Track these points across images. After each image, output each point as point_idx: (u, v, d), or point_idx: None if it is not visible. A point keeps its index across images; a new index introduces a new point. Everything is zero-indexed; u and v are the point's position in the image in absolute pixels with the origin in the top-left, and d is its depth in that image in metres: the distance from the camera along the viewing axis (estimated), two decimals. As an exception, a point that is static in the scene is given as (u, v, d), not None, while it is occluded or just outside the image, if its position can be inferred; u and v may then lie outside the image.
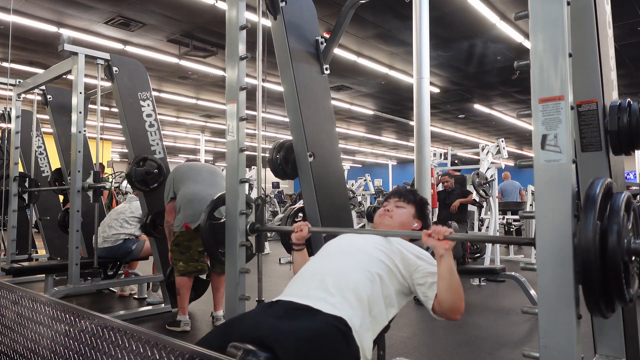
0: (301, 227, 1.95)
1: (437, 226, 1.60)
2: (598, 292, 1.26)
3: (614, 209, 1.29)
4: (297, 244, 1.98)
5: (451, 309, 1.59)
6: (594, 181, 1.32)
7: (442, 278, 1.58)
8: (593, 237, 1.24)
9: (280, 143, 2.80)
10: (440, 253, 1.57)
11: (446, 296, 1.58)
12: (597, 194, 1.28)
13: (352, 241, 1.81)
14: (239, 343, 1.35)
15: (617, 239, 1.24)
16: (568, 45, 1.35)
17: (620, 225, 1.26)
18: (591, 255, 1.24)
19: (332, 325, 1.41)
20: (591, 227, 1.25)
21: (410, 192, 2.01)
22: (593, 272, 1.24)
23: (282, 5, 2.58)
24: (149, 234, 4.00)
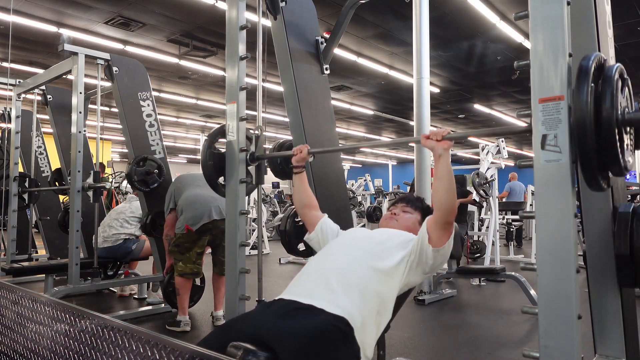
0: (301, 149, 2.03)
1: (435, 128, 1.62)
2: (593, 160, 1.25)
3: (607, 76, 1.29)
4: (297, 166, 2.05)
5: (448, 210, 1.61)
6: (587, 55, 1.32)
7: (441, 179, 1.60)
8: (586, 100, 1.24)
9: (280, 143, 2.80)
10: (439, 153, 1.60)
11: (445, 196, 1.60)
12: (590, 64, 1.28)
13: (355, 239, 1.82)
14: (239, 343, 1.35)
15: (611, 104, 1.24)
16: (568, 45, 1.35)
17: (614, 90, 1.26)
18: (586, 119, 1.24)
19: (332, 324, 1.41)
20: (585, 91, 1.24)
21: (417, 200, 2.04)
22: (588, 137, 1.24)
23: (282, 5, 2.58)
24: (149, 234, 4.01)
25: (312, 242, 2.02)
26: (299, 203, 2.07)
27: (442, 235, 1.63)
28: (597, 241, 1.80)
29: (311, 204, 2.06)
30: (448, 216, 1.62)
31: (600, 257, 1.79)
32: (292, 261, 7.25)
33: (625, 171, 1.32)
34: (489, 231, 6.67)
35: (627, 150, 1.33)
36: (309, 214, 2.05)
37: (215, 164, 2.41)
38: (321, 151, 2.46)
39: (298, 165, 2.06)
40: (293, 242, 2.53)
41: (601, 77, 1.31)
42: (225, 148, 2.39)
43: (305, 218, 2.06)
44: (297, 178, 2.07)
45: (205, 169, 2.43)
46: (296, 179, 2.07)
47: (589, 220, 1.82)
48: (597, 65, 1.31)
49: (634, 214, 1.63)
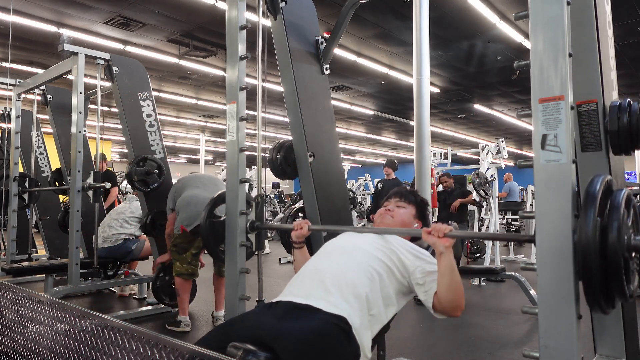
0: (301, 225, 1.96)
1: (437, 224, 1.60)
2: (598, 289, 1.25)
3: (614, 206, 1.29)
4: (297, 242, 1.98)
5: (452, 306, 1.59)
6: (594, 178, 1.32)
7: (443, 276, 1.58)
8: (593, 234, 1.24)
9: (280, 143, 2.80)
10: (440, 250, 1.57)
11: (447, 294, 1.57)
12: (597, 190, 1.28)
13: (352, 240, 1.81)
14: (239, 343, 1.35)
15: (618, 235, 1.24)
16: (568, 45, 1.35)
17: (621, 221, 1.26)
18: (591, 251, 1.24)
19: (332, 323, 1.41)
20: (591, 223, 1.25)
21: (411, 193, 2.01)
22: (593, 268, 1.24)
23: (282, 5, 2.58)
24: (149, 234, 4.01)
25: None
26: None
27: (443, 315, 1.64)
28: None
29: None
30: (453, 312, 1.61)
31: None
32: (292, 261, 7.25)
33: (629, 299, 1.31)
34: (489, 231, 6.67)
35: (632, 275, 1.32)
36: None
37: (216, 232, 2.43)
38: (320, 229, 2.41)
39: (298, 241, 1.98)
40: (293, 242, 2.52)
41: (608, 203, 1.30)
42: (226, 148, 2.39)
43: None
44: (298, 252, 1.99)
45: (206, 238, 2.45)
46: (297, 253, 1.99)
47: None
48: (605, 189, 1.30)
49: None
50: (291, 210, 2.72)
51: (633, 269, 1.33)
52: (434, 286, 1.61)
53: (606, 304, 1.29)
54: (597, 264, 1.24)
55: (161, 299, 3.92)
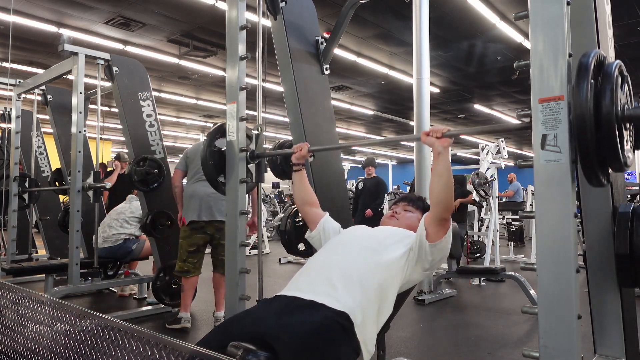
0: (301, 147, 2.04)
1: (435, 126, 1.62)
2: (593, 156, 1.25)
3: (607, 73, 1.29)
4: (297, 164, 2.06)
5: (445, 206, 1.63)
6: (586, 52, 1.32)
7: (440, 175, 1.61)
8: (586, 98, 1.24)
9: (280, 143, 2.80)
10: (439, 150, 1.61)
11: (444, 193, 1.61)
12: (590, 61, 1.29)
13: (356, 236, 1.82)
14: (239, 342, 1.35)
15: (611, 101, 1.24)
16: (568, 45, 1.35)
17: (614, 87, 1.26)
18: (585, 117, 1.24)
19: (333, 319, 1.41)
20: (585, 88, 1.24)
21: (419, 199, 2.05)
22: (587, 134, 1.24)
23: (282, 5, 2.58)
24: (149, 234, 4.01)
25: (313, 240, 2.02)
26: (299, 200, 2.08)
27: (438, 230, 1.65)
28: (597, 241, 1.80)
29: (312, 201, 2.07)
30: (444, 212, 1.64)
31: (600, 257, 1.79)
32: (292, 261, 7.25)
33: (625, 167, 1.32)
34: (489, 231, 6.67)
35: (626, 145, 1.34)
36: (310, 211, 2.05)
37: (216, 162, 2.42)
38: (321, 149, 2.47)
39: (298, 163, 2.07)
40: (293, 242, 2.53)
41: (601, 73, 1.31)
42: (226, 148, 2.39)
43: (306, 216, 2.07)
44: (297, 175, 2.08)
45: (206, 167, 2.43)
46: (296, 176, 2.08)
47: (588, 220, 1.82)
48: (597, 62, 1.32)
49: (633, 214, 1.63)
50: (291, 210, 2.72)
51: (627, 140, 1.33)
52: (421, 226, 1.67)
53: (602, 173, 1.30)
54: (591, 130, 1.23)
55: (161, 299, 3.93)
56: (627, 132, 1.35)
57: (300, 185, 2.06)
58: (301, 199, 2.07)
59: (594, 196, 1.80)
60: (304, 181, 2.07)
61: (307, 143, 2.08)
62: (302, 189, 2.07)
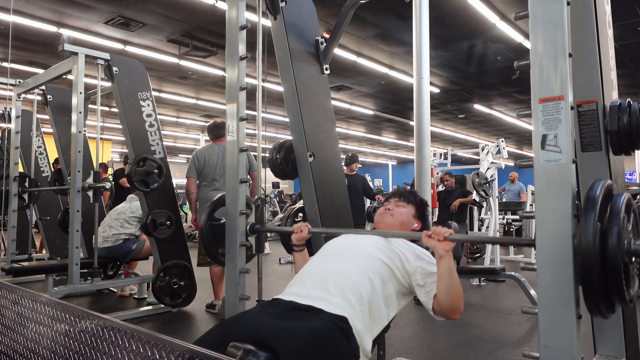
0: (301, 228, 1.97)
1: (437, 227, 1.60)
2: (598, 293, 1.25)
3: (614, 211, 1.29)
4: (297, 244, 1.99)
5: (451, 308, 1.59)
6: (595, 183, 1.32)
7: (442, 278, 1.58)
8: (593, 239, 1.24)
9: (280, 143, 2.80)
10: (440, 254, 1.57)
11: (446, 296, 1.58)
12: (598, 195, 1.28)
13: (353, 241, 1.81)
14: (239, 343, 1.35)
15: (618, 240, 1.24)
16: (568, 45, 1.35)
17: (621, 226, 1.26)
18: (591, 256, 1.24)
19: (333, 323, 1.41)
20: (591, 228, 1.24)
21: (410, 193, 2.03)
22: (593, 273, 1.24)
23: (282, 5, 2.58)
24: (149, 234, 4.01)
25: None
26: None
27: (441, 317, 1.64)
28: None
29: None
30: (451, 315, 1.61)
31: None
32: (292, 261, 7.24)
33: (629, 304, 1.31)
34: (489, 231, 6.67)
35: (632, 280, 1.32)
36: None
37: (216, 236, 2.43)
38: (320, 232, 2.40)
39: (298, 244, 1.99)
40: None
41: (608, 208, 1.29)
42: (226, 147, 2.39)
43: None
44: (298, 255, 2.01)
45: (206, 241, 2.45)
46: (297, 255, 2.01)
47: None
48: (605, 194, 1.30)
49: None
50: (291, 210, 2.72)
51: (633, 274, 1.32)
52: (434, 288, 1.61)
53: (606, 308, 1.29)
54: (597, 269, 1.24)
55: (161, 299, 3.92)
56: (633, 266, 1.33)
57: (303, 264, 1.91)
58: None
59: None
60: (306, 258, 1.96)
61: (307, 224, 1.99)
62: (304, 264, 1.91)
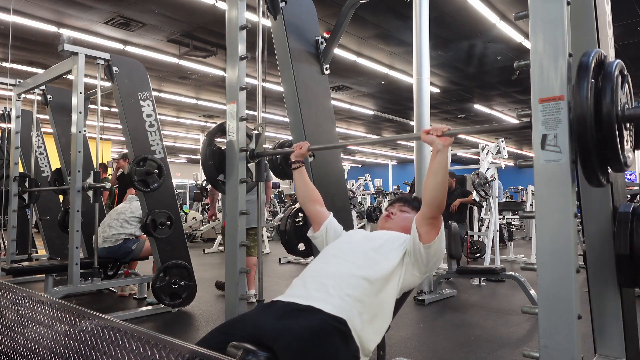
0: (301, 145, 2.06)
1: (435, 124, 1.63)
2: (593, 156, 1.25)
3: (607, 72, 1.29)
4: (296, 161, 2.07)
5: (436, 205, 1.62)
6: (587, 51, 1.32)
7: (435, 173, 1.60)
8: (587, 97, 1.24)
9: (280, 143, 2.80)
10: (438, 148, 1.60)
11: (436, 192, 1.60)
12: (590, 61, 1.29)
13: (353, 243, 1.81)
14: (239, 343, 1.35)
15: (611, 100, 1.24)
16: (568, 45, 1.35)
17: (614, 86, 1.26)
18: (586, 116, 1.23)
19: (331, 325, 1.41)
20: (585, 89, 1.24)
21: (415, 200, 2.04)
22: (588, 134, 1.23)
23: (282, 5, 2.58)
24: (149, 234, 4.01)
25: (316, 240, 2.02)
26: (302, 198, 2.07)
27: (429, 230, 1.64)
28: (597, 241, 1.80)
29: (315, 198, 2.06)
30: (435, 211, 1.63)
31: (600, 257, 1.79)
32: (292, 261, 7.25)
33: (625, 167, 1.32)
34: (489, 231, 6.67)
35: (626, 145, 1.33)
36: (313, 209, 2.04)
37: (216, 161, 2.42)
38: (321, 148, 2.47)
39: (297, 160, 2.07)
40: (293, 242, 2.52)
41: (601, 73, 1.31)
42: (226, 148, 2.39)
43: (310, 213, 2.05)
44: (297, 173, 2.08)
45: (206, 167, 2.43)
46: (296, 174, 2.08)
47: (589, 220, 1.82)
48: (598, 62, 1.31)
49: (633, 214, 1.63)
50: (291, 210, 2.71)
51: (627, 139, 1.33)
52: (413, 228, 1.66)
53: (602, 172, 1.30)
54: (592, 130, 1.23)
55: (161, 299, 3.92)
56: (628, 132, 1.35)
57: (302, 183, 2.06)
58: (304, 196, 2.06)
59: (594, 196, 1.80)
60: (305, 178, 2.07)
61: (307, 142, 2.09)
62: (304, 186, 2.06)
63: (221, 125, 2.48)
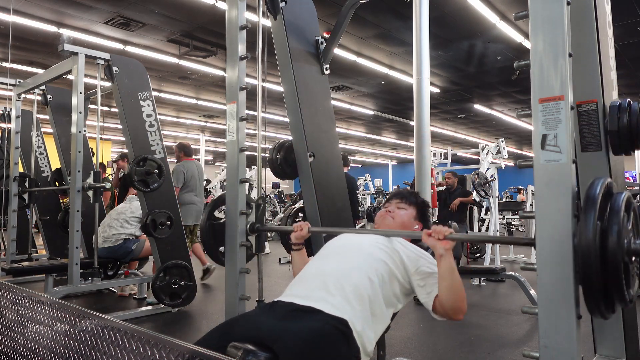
0: (301, 227, 1.96)
1: (437, 226, 1.60)
2: (598, 293, 1.25)
3: (614, 209, 1.28)
4: (296, 243, 1.99)
5: (453, 309, 1.58)
6: (594, 181, 1.32)
7: (443, 278, 1.57)
8: (593, 238, 1.23)
9: (280, 143, 2.80)
10: (440, 253, 1.56)
11: (447, 296, 1.57)
12: (597, 194, 1.27)
13: (353, 241, 1.81)
14: (239, 343, 1.35)
15: (617, 239, 1.24)
16: (568, 45, 1.35)
17: (621, 225, 1.25)
18: (591, 255, 1.23)
19: (332, 325, 1.41)
20: (591, 227, 1.24)
21: (411, 194, 2.02)
22: (593, 272, 1.23)
23: (282, 5, 2.58)
24: (149, 234, 4.01)
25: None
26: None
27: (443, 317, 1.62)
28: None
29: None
30: (454, 315, 1.59)
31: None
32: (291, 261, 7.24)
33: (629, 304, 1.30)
34: (489, 231, 6.67)
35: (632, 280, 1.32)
36: None
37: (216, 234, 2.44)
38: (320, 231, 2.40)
39: (297, 243, 1.99)
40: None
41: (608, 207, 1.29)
42: (226, 148, 2.39)
43: None
44: (296, 254, 2.00)
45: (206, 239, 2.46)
46: (295, 254, 2.00)
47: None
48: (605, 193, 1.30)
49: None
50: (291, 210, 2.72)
51: (633, 274, 1.32)
52: (435, 288, 1.60)
53: (606, 309, 1.29)
54: (597, 268, 1.23)
55: (161, 299, 3.92)
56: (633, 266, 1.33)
57: (301, 263, 1.93)
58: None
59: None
60: (305, 259, 1.95)
61: (307, 223, 1.99)
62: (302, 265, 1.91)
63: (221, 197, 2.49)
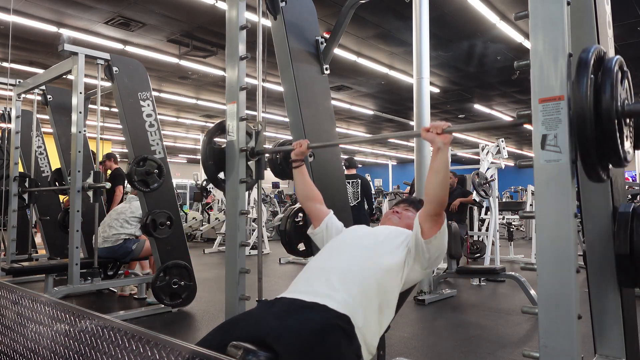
0: (300, 143, 2.05)
1: (435, 121, 1.63)
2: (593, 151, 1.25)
3: (607, 68, 1.29)
4: (296, 160, 2.06)
5: (439, 202, 1.62)
6: (586, 48, 1.32)
7: (437, 172, 1.60)
8: (586, 94, 1.24)
9: (280, 143, 2.80)
10: (438, 146, 1.60)
11: (438, 190, 1.61)
12: (590, 57, 1.28)
13: (356, 237, 1.82)
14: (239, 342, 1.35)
15: (611, 96, 1.24)
16: (568, 45, 1.35)
17: (614, 82, 1.25)
18: (585, 111, 1.23)
19: (334, 322, 1.41)
20: (585, 84, 1.24)
21: (420, 202, 2.04)
22: (587, 129, 1.23)
23: (282, 5, 2.58)
24: (149, 234, 4.01)
25: (315, 237, 2.02)
26: (302, 197, 2.07)
27: (432, 226, 1.65)
28: (597, 241, 1.80)
29: (315, 197, 2.06)
30: (438, 208, 1.63)
31: (600, 257, 1.79)
32: (292, 261, 7.25)
33: (625, 162, 1.32)
34: (489, 231, 6.67)
35: (626, 140, 1.33)
36: (313, 207, 2.04)
37: (216, 160, 2.42)
38: (321, 146, 2.47)
39: (297, 159, 2.06)
40: (293, 242, 2.52)
41: (601, 69, 1.31)
42: (226, 148, 2.39)
43: (310, 212, 2.05)
44: (297, 172, 2.07)
45: (206, 166, 2.43)
46: (296, 172, 2.07)
47: (588, 220, 1.82)
48: (597, 58, 1.31)
49: (634, 214, 1.63)
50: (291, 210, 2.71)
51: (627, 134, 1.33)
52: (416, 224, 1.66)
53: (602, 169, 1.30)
54: (591, 126, 1.23)
55: (161, 299, 3.93)
56: (627, 128, 1.35)
57: (302, 181, 2.05)
58: (304, 195, 2.06)
59: (594, 196, 1.80)
60: (305, 177, 2.07)
61: (306, 140, 2.08)
62: (304, 184, 2.06)
63: (221, 124, 2.48)
